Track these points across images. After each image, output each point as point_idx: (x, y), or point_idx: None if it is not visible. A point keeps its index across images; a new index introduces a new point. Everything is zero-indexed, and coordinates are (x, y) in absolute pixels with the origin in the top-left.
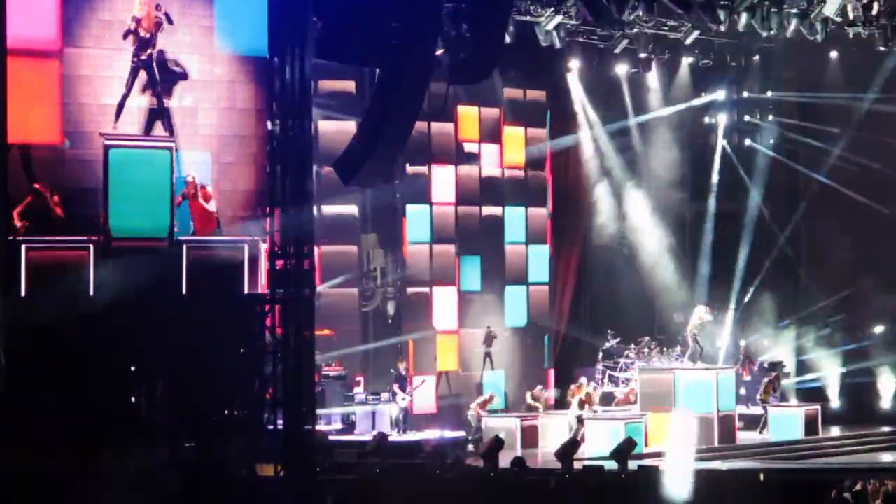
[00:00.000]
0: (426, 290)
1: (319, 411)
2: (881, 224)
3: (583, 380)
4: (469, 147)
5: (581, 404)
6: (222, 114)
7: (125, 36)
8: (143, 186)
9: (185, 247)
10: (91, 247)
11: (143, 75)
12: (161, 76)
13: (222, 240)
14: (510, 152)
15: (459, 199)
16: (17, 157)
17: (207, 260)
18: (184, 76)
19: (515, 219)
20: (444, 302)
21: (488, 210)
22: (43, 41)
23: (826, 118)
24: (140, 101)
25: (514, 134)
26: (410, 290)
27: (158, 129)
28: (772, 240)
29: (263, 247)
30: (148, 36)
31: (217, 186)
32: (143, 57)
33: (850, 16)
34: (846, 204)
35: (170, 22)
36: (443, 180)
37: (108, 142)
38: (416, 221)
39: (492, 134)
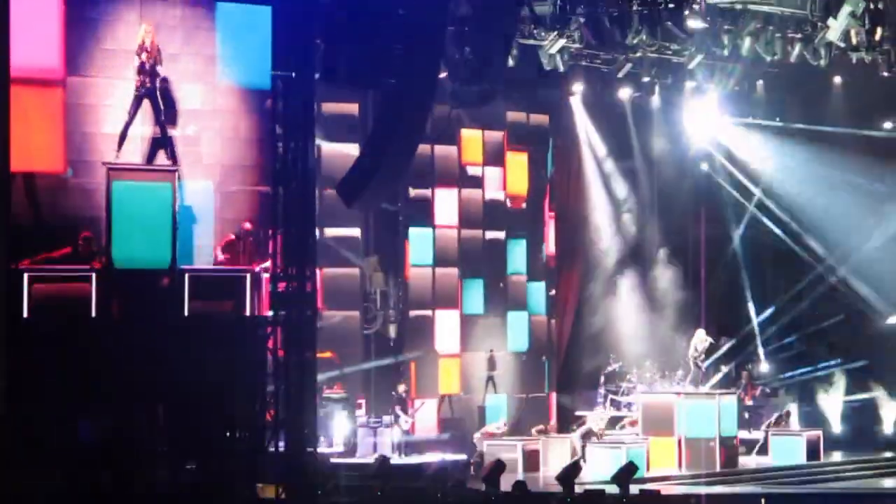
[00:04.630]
0: (428, 313)
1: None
2: None
3: (590, 423)
4: (472, 171)
5: (588, 434)
6: (225, 143)
7: (139, 71)
8: (146, 218)
9: (186, 275)
10: (93, 276)
11: (146, 104)
12: (164, 105)
13: (224, 268)
14: (513, 177)
15: (462, 222)
16: (21, 185)
17: (209, 285)
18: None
19: (517, 250)
20: (446, 325)
21: (491, 234)
22: (47, 69)
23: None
24: (143, 131)
25: (517, 159)
26: (413, 312)
27: (161, 157)
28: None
29: (265, 276)
30: (151, 64)
31: (220, 215)
32: (147, 85)
33: (854, 41)
34: None
35: None
36: (446, 203)
37: (111, 172)
38: (419, 244)
39: (495, 157)
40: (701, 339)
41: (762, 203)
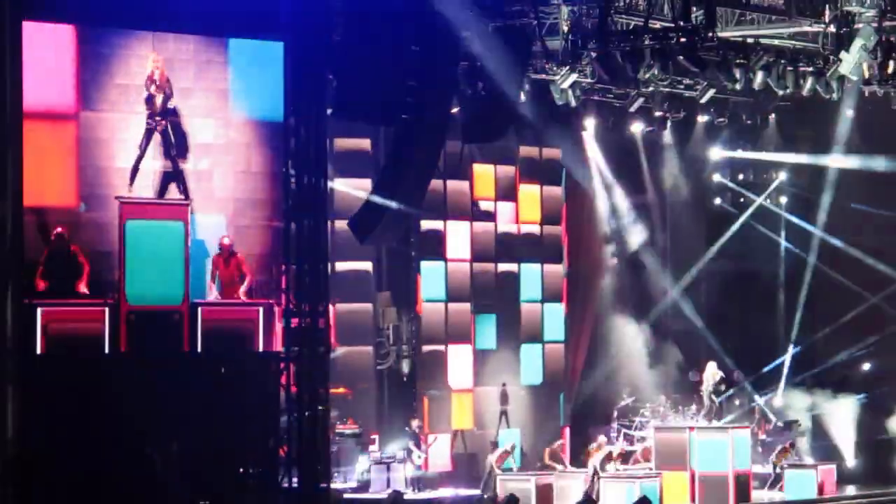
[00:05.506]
0: (441, 347)
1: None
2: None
3: (602, 438)
4: (485, 205)
5: (607, 458)
6: (237, 177)
7: (147, 102)
8: (159, 255)
9: (200, 309)
10: (106, 309)
11: (157, 138)
12: (175, 139)
13: (237, 303)
14: (526, 210)
15: (475, 255)
16: (33, 220)
17: (222, 321)
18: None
19: (531, 276)
20: (459, 360)
21: (504, 267)
22: (60, 104)
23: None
24: (154, 165)
25: (529, 192)
26: (425, 348)
27: (173, 191)
28: (789, 298)
29: (277, 309)
30: (162, 97)
31: None
32: (157, 118)
33: (866, 74)
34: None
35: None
36: (458, 236)
37: (125, 210)
38: (431, 278)
39: (507, 192)
40: (713, 372)
41: (776, 235)
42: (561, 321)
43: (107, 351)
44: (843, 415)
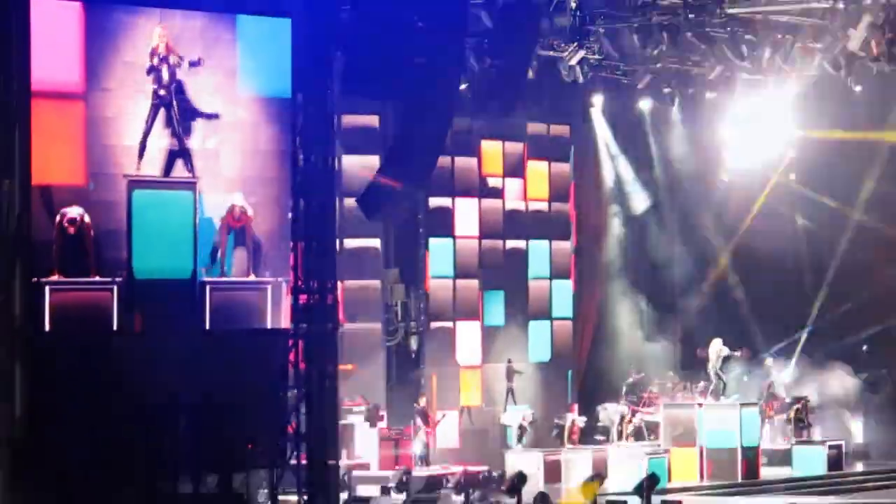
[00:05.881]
0: (449, 324)
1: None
2: None
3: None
4: (493, 182)
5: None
6: (246, 156)
7: (148, 72)
8: (167, 227)
9: (208, 287)
10: (114, 288)
11: (164, 114)
12: (181, 115)
13: (246, 281)
14: (534, 187)
15: (483, 232)
16: (40, 199)
17: (230, 298)
18: (204, 115)
19: (539, 253)
20: (467, 337)
21: (512, 244)
22: (67, 83)
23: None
24: (161, 143)
25: (537, 169)
26: (434, 324)
27: (179, 168)
28: (800, 276)
29: (285, 286)
30: (169, 71)
31: None
32: (162, 94)
33: (874, 51)
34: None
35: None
36: (466, 214)
37: (132, 184)
38: (439, 255)
39: (515, 169)
40: (718, 349)
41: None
42: (569, 298)
43: (115, 328)
44: (851, 391)
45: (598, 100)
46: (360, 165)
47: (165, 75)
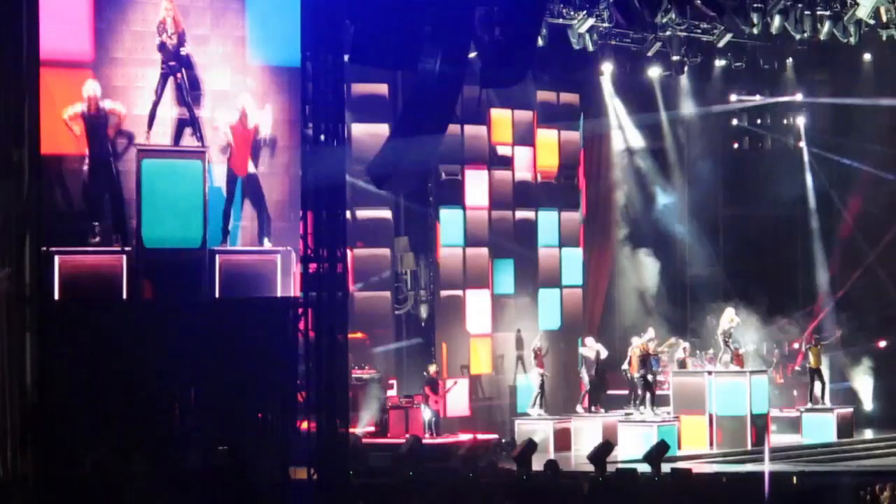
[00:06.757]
0: (459, 293)
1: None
2: None
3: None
4: (502, 151)
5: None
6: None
7: (160, 48)
8: (177, 196)
9: (217, 256)
10: (124, 256)
11: (173, 83)
12: (190, 85)
13: (255, 250)
14: (543, 156)
15: (493, 203)
16: (50, 169)
17: (240, 267)
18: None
19: (548, 222)
20: (477, 305)
21: (521, 214)
22: (76, 53)
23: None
24: (171, 112)
25: (547, 137)
26: (443, 293)
27: (188, 138)
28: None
29: (295, 254)
30: (174, 44)
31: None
32: (171, 64)
33: (884, 18)
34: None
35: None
36: (476, 184)
37: (141, 153)
38: (450, 225)
39: (525, 137)
40: (729, 318)
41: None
42: (579, 266)
43: (125, 297)
44: (861, 359)
45: (607, 68)
46: (369, 134)
47: (172, 47)
